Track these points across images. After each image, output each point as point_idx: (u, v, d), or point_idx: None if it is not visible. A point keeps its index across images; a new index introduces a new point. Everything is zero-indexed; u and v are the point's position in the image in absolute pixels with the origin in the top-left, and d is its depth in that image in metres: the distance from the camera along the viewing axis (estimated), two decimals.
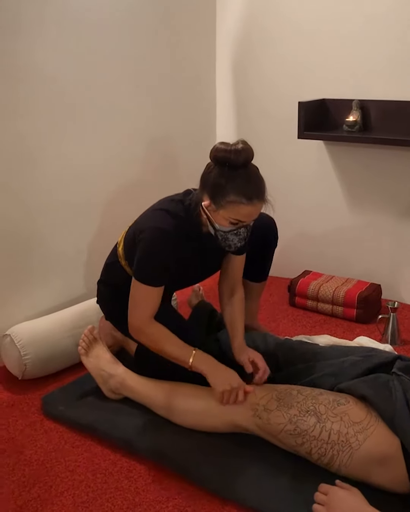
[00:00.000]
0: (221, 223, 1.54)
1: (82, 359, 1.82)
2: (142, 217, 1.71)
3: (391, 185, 2.50)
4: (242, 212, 1.50)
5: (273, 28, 2.61)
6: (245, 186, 1.48)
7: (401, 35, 2.31)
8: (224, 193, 1.48)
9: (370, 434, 1.38)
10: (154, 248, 1.58)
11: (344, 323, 2.39)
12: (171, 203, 1.66)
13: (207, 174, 1.54)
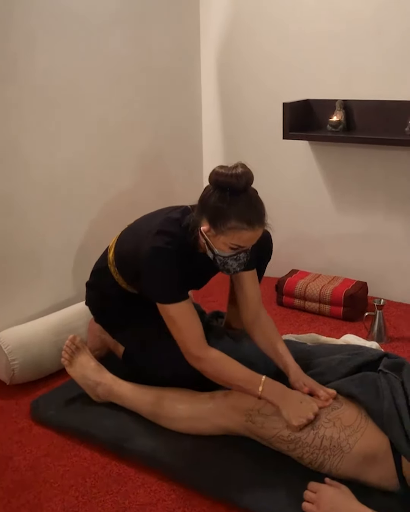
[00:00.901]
0: (220, 248, 1.50)
1: (67, 369, 1.79)
2: (137, 232, 1.66)
3: (375, 184, 2.52)
4: (243, 238, 1.47)
5: (257, 29, 2.62)
6: (246, 212, 1.44)
7: (382, 36, 2.33)
8: (225, 219, 1.44)
9: (360, 436, 1.39)
10: (161, 265, 1.53)
11: (331, 321, 2.41)
12: (169, 224, 1.59)
13: (206, 198, 1.48)
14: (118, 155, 2.46)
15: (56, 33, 2.10)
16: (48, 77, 2.09)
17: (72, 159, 2.25)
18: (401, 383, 1.47)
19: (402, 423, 1.37)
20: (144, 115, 2.56)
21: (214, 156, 2.94)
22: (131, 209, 2.42)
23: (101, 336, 1.96)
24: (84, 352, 1.80)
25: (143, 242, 1.58)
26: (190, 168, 2.92)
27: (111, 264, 1.76)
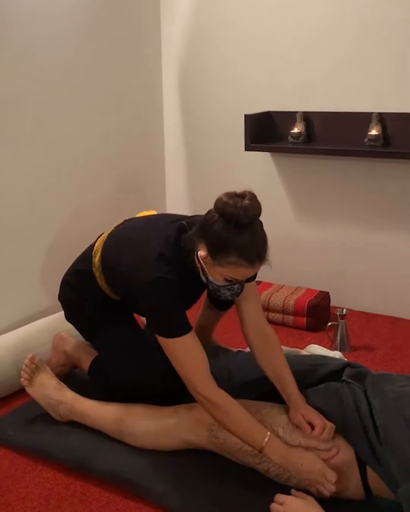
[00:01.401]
0: (215, 277, 1.44)
1: (27, 389, 1.73)
2: (133, 259, 1.54)
3: (335, 194, 2.56)
4: (240, 273, 1.41)
5: (219, 42, 2.65)
6: (248, 249, 1.36)
7: (341, 49, 2.38)
8: (225, 252, 1.37)
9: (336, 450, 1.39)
10: (165, 298, 1.45)
11: (295, 332, 2.43)
12: (167, 247, 1.51)
13: (209, 224, 1.39)
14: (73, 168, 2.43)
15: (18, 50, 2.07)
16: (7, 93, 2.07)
17: (34, 171, 2.22)
18: (364, 393, 1.49)
19: (366, 432, 1.39)
20: (103, 129, 2.54)
21: (177, 169, 2.95)
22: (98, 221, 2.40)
23: (66, 352, 1.92)
24: (44, 371, 1.75)
25: (141, 268, 1.49)
26: (153, 180, 2.91)
27: (96, 269, 1.67)
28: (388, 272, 2.53)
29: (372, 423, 1.40)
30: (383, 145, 2.30)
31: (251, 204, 1.37)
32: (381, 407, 1.42)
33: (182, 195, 2.97)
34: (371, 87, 2.36)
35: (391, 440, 1.34)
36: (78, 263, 1.80)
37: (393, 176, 2.41)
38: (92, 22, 2.39)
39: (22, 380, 1.73)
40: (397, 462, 1.30)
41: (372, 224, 2.52)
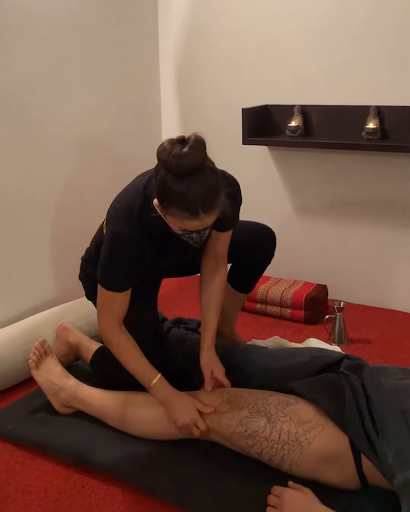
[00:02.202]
0: (171, 226, 1.42)
1: (32, 372, 1.78)
2: (111, 209, 1.59)
3: (333, 187, 2.56)
4: (188, 225, 1.37)
5: (216, 36, 2.64)
6: (188, 200, 1.30)
7: (339, 43, 2.38)
8: (168, 203, 1.34)
9: (319, 432, 1.41)
10: (113, 253, 1.52)
11: (293, 325, 2.43)
12: (133, 198, 1.51)
13: (155, 172, 1.36)
14: (72, 165, 2.43)
15: (6, 34, 2.06)
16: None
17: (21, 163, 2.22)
18: (362, 385, 1.50)
19: (363, 423, 1.40)
20: (101, 124, 2.54)
21: None
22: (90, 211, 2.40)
23: (69, 341, 1.94)
24: (51, 357, 1.79)
25: (109, 222, 1.56)
26: None
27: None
28: (386, 266, 2.54)
29: (369, 414, 1.41)
30: (381, 139, 2.30)
31: (188, 152, 1.27)
32: (378, 399, 1.42)
33: None
34: (368, 80, 2.36)
35: (387, 431, 1.35)
36: (93, 240, 1.81)
37: (390, 169, 2.41)
38: (87, 24, 2.38)
39: (30, 361, 1.76)
40: (393, 453, 1.30)
41: (370, 218, 2.52)
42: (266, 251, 1.91)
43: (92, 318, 2.12)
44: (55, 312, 2.17)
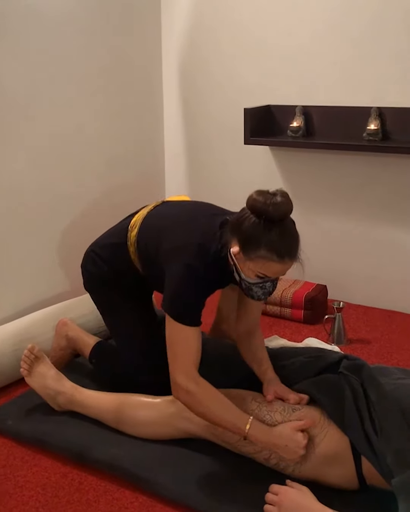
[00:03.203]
0: (247, 274, 1.46)
1: (26, 380, 1.75)
2: (173, 245, 1.58)
3: (333, 188, 2.57)
4: (270, 269, 1.42)
5: (219, 36, 2.65)
6: (278, 244, 1.39)
7: (341, 44, 2.38)
8: (256, 246, 1.39)
9: (323, 437, 1.41)
10: (192, 286, 1.50)
11: (292, 324, 2.44)
12: (209, 239, 1.53)
13: (241, 220, 1.42)
14: (76, 163, 2.44)
15: (9, 34, 2.06)
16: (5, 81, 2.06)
17: (25, 168, 2.22)
18: (361, 385, 1.50)
19: (362, 424, 1.40)
20: (104, 123, 2.55)
21: (176, 162, 2.95)
22: (91, 219, 2.42)
23: (68, 335, 1.95)
24: (44, 361, 1.76)
25: (179, 253, 1.53)
26: (153, 174, 2.91)
27: (131, 245, 1.71)
28: (385, 266, 2.54)
29: (368, 414, 1.41)
30: (382, 140, 2.30)
31: (282, 201, 1.39)
32: (377, 399, 1.43)
33: (181, 188, 2.97)
34: (370, 81, 2.37)
35: (386, 431, 1.35)
36: (110, 236, 1.81)
37: (391, 170, 2.42)
38: (91, 14, 2.38)
39: (21, 370, 1.74)
40: (392, 453, 1.31)
41: (370, 218, 2.52)
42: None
43: (88, 318, 2.14)
44: (52, 310, 2.17)
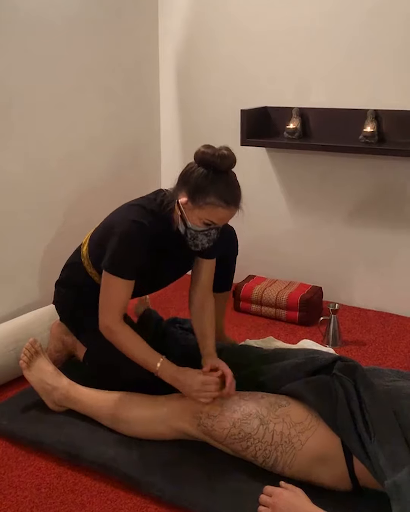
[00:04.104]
0: (194, 222, 1.58)
1: (24, 373, 1.77)
2: (114, 213, 1.73)
3: (329, 190, 2.58)
4: (217, 215, 1.55)
5: (216, 37, 2.65)
6: (225, 191, 1.53)
7: (338, 46, 2.39)
8: (205, 194, 1.52)
9: (311, 434, 1.42)
10: (128, 240, 1.59)
11: (287, 326, 2.44)
12: (145, 200, 1.69)
13: (189, 173, 1.56)
14: (71, 167, 2.43)
15: (7, 39, 2.05)
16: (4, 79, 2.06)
17: (22, 173, 2.22)
18: (354, 386, 1.51)
19: (355, 425, 1.40)
20: (100, 125, 2.54)
21: (173, 164, 2.94)
22: (85, 219, 2.41)
23: (63, 338, 1.95)
24: (43, 356, 1.78)
25: (118, 218, 1.65)
26: (149, 175, 2.91)
27: (85, 258, 1.79)
28: (381, 268, 2.55)
29: (361, 416, 1.42)
30: (378, 142, 2.31)
31: (228, 153, 1.53)
32: (370, 401, 1.44)
33: None
34: (366, 84, 2.37)
35: (379, 433, 1.36)
36: (68, 260, 1.91)
37: (387, 172, 2.43)
38: (87, 13, 2.38)
39: (21, 362, 1.76)
40: (385, 454, 1.31)
41: (366, 220, 2.53)
42: (228, 247, 1.97)
43: None
44: (48, 309, 2.16)
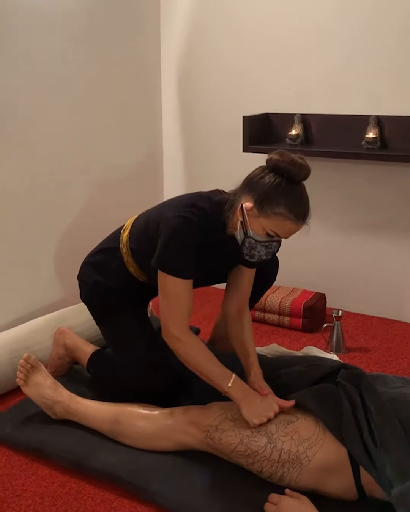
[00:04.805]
0: (256, 230, 1.46)
1: (23, 389, 1.73)
2: (163, 207, 1.62)
3: (331, 196, 2.57)
4: (284, 228, 1.45)
5: (218, 43, 2.66)
6: (297, 204, 1.43)
7: (339, 52, 2.40)
8: (275, 204, 1.41)
9: (319, 448, 1.40)
10: (179, 237, 1.48)
11: (291, 333, 2.44)
12: (199, 197, 1.57)
13: (259, 178, 1.45)
14: (73, 173, 2.43)
15: (8, 45, 2.06)
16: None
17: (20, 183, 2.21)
18: (359, 394, 1.50)
19: (361, 434, 1.39)
20: (102, 130, 2.54)
21: (175, 170, 2.95)
22: (87, 227, 2.41)
23: (66, 344, 1.94)
24: (40, 370, 1.75)
25: (170, 213, 1.52)
26: (150, 185, 2.92)
27: (124, 245, 1.70)
28: (385, 275, 2.54)
29: (367, 425, 1.41)
30: (380, 148, 2.31)
31: (305, 163, 1.43)
32: (375, 409, 1.43)
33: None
34: (368, 90, 2.38)
35: (385, 442, 1.35)
36: (103, 243, 1.81)
37: (390, 178, 2.43)
38: (90, 18, 2.39)
39: (17, 380, 1.73)
40: (391, 464, 1.30)
41: (369, 227, 2.53)
42: (269, 274, 1.89)
43: (87, 325, 2.13)
44: (49, 318, 2.16)
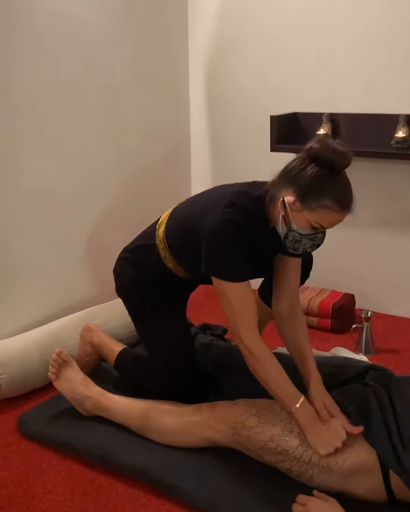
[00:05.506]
0: (300, 224, 1.39)
1: (54, 384, 1.77)
2: (200, 203, 1.56)
3: (362, 196, 2.52)
4: (330, 219, 1.38)
5: (246, 42, 2.66)
6: (343, 194, 1.36)
7: (369, 51, 2.37)
8: (320, 196, 1.34)
9: (349, 454, 1.38)
10: (230, 239, 1.43)
11: (319, 334, 2.42)
12: (240, 197, 1.48)
13: (298, 169, 1.37)
14: (102, 170, 2.46)
15: (38, 43, 2.09)
16: (32, 91, 2.09)
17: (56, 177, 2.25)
18: (388, 396, 1.48)
19: (389, 437, 1.38)
20: (132, 129, 2.57)
21: (202, 169, 2.96)
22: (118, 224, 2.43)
23: (93, 341, 1.96)
24: (71, 365, 1.78)
25: (211, 214, 1.46)
26: (178, 183, 2.93)
27: (160, 241, 1.64)
28: None
29: (396, 426, 1.39)
30: None
31: (345, 150, 1.35)
32: (403, 411, 1.41)
33: None
34: (398, 89, 2.35)
35: None
36: (139, 239, 1.77)
37: None
38: (118, 23, 2.41)
39: (49, 374, 1.77)
40: None
41: (398, 227, 2.49)
42: (302, 272, 1.82)
43: (115, 323, 2.15)
44: (78, 316, 2.19)
